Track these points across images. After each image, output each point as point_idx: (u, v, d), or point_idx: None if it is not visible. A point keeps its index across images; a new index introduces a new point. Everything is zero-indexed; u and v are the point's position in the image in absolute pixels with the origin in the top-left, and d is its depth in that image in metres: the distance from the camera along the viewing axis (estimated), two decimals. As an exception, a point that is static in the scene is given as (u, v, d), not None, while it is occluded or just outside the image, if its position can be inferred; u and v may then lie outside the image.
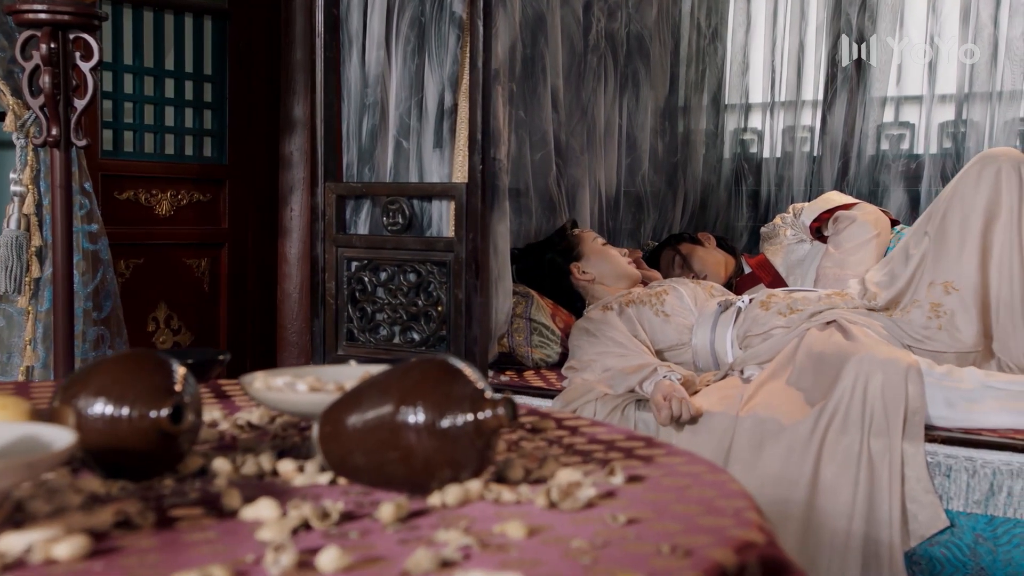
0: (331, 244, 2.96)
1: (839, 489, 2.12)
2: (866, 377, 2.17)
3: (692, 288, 2.85)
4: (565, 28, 3.61)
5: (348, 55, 2.96)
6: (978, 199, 2.41)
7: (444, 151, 2.84)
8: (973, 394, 2.19)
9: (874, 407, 2.14)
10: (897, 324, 2.43)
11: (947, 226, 2.45)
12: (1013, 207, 2.38)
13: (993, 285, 2.39)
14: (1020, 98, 3.67)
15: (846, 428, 2.15)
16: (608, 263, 3.09)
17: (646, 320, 2.75)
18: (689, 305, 2.76)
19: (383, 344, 2.91)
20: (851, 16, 3.93)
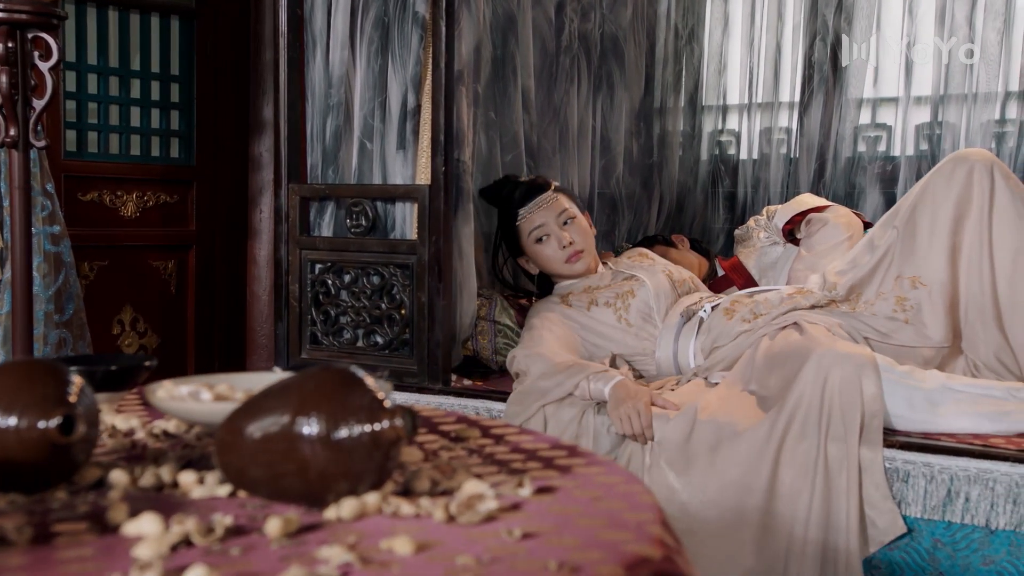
0: (295, 246, 2.93)
1: (797, 495, 2.09)
2: (825, 373, 2.14)
3: (661, 280, 2.77)
4: (537, 29, 3.58)
5: (312, 55, 2.94)
6: (949, 196, 2.39)
7: (407, 152, 2.81)
8: (934, 395, 2.17)
9: (832, 409, 2.12)
10: (860, 319, 2.40)
11: (917, 221, 2.42)
12: (983, 206, 2.36)
13: (962, 283, 2.37)
14: (995, 100, 3.65)
15: (804, 433, 2.13)
16: (542, 264, 2.87)
17: (604, 326, 2.69)
18: (652, 306, 2.70)
19: (347, 347, 2.88)
20: (827, 17, 3.91)
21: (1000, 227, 2.33)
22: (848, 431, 2.09)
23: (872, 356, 2.18)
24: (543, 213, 2.80)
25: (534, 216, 2.81)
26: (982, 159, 2.41)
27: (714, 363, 2.49)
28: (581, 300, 2.75)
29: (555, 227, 2.79)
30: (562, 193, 2.87)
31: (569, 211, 2.82)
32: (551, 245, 2.79)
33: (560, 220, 2.80)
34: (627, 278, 2.80)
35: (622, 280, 2.79)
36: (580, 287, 2.80)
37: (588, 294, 2.77)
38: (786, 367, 2.23)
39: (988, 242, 2.35)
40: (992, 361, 2.32)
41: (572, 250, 2.77)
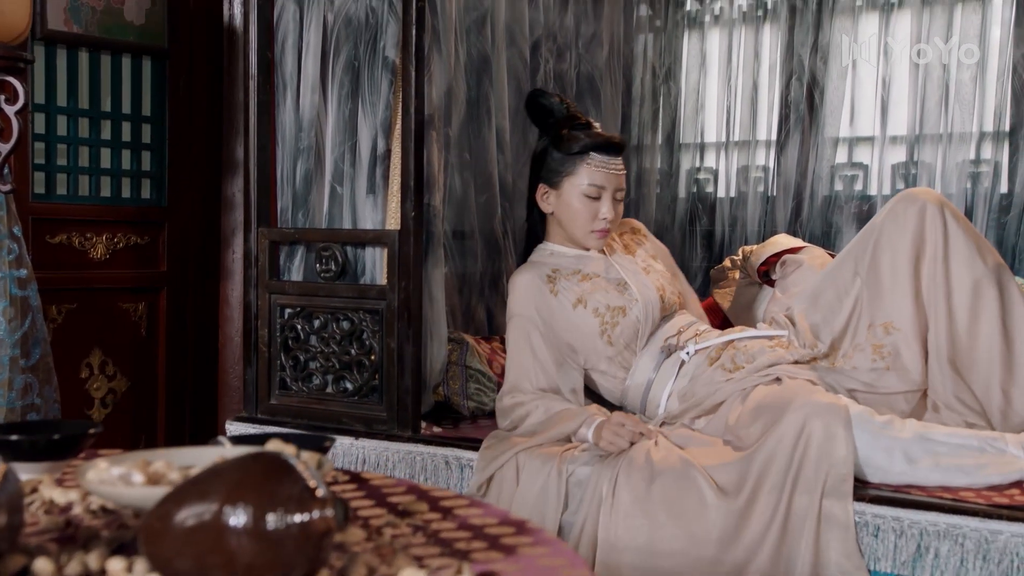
0: (264, 290, 2.90)
1: (757, 546, 2.07)
2: (802, 423, 2.12)
3: (652, 299, 2.60)
4: (512, 69, 3.58)
5: (283, 98, 2.92)
6: (905, 237, 2.38)
7: (377, 197, 2.79)
8: (912, 448, 2.15)
9: (804, 459, 2.09)
10: (842, 373, 2.38)
11: (878, 266, 2.41)
12: (938, 245, 2.35)
13: (930, 324, 2.36)
14: (970, 140, 3.66)
15: (775, 483, 2.10)
16: (568, 216, 2.64)
17: (585, 335, 2.56)
18: (638, 330, 2.57)
19: (316, 393, 2.84)
20: (803, 57, 3.92)
21: (957, 267, 2.33)
22: (818, 484, 2.07)
23: (847, 408, 2.16)
24: (611, 177, 2.60)
25: (602, 173, 2.59)
26: (932, 199, 2.40)
27: (687, 408, 2.46)
28: (570, 289, 2.59)
29: (610, 196, 2.60)
30: (625, 167, 2.70)
31: (623, 188, 2.66)
32: (593, 208, 2.59)
33: (617, 194, 2.63)
34: (620, 283, 2.62)
35: (615, 283, 2.62)
36: (571, 266, 2.64)
37: (578, 284, 2.60)
38: (764, 418, 2.21)
39: (945, 282, 2.34)
40: (952, 401, 2.30)
41: (605, 226, 2.60)
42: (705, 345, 2.52)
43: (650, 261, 2.75)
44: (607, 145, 2.60)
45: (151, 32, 3.36)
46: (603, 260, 2.68)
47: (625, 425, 2.29)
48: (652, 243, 2.87)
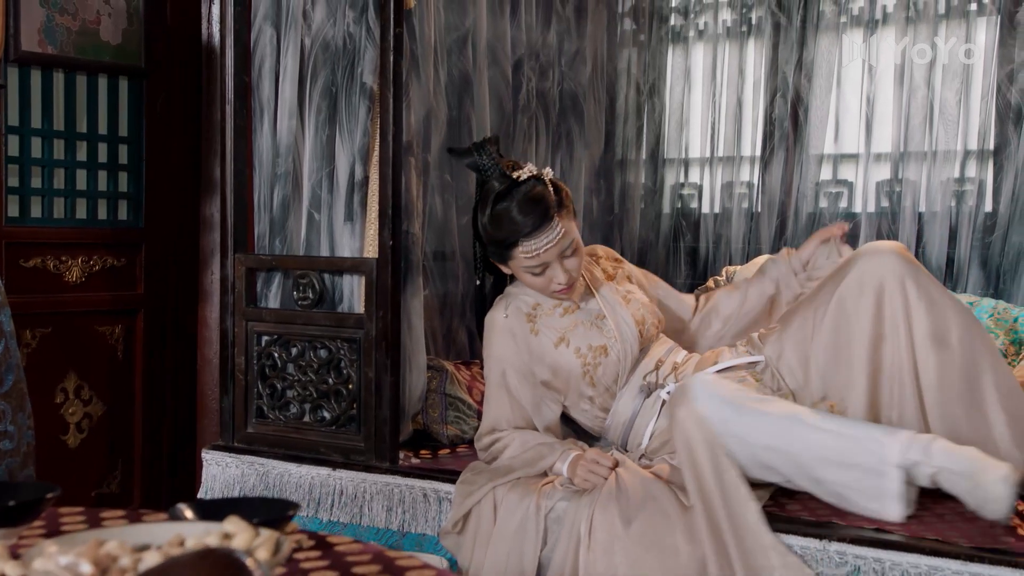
0: (241, 317, 2.86)
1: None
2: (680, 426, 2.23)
3: (631, 335, 2.49)
4: (494, 89, 3.55)
5: (260, 123, 2.88)
6: (862, 322, 2.27)
7: (355, 224, 2.75)
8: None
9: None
10: None
11: (837, 342, 2.31)
12: (899, 326, 2.25)
13: (884, 407, 2.28)
14: (955, 159, 3.64)
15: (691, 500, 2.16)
16: (526, 284, 2.52)
17: (569, 374, 2.47)
18: (619, 370, 2.49)
19: (293, 422, 2.81)
20: (787, 74, 3.90)
21: (923, 351, 2.24)
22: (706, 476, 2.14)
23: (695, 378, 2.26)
24: (548, 252, 2.38)
25: (538, 255, 2.38)
26: (893, 274, 2.26)
27: (667, 442, 2.43)
28: (551, 326, 2.48)
29: (557, 263, 2.40)
30: (563, 214, 2.40)
31: (573, 240, 2.41)
32: (544, 279, 2.43)
33: (564, 254, 2.41)
34: (599, 315, 2.51)
35: (594, 315, 2.51)
36: (550, 301, 2.53)
37: (560, 319, 2.50)
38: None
39: (912, 367, 2.25)
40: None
41: (563, 287, 2.43)
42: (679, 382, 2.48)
43: (630, 287, 2.64)
44: (529, 225, 2.35)
45: (128, 52, 3.31)
46: (583, 289, 2.57)
47: (600, 462, 2.27)
48: (627, 266, 2.75)
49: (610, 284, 2.61)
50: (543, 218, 2.36)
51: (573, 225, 2.44)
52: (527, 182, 2.40)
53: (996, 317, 3.05)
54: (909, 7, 3.69)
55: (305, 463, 2.73)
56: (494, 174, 2.42)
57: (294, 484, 2.74)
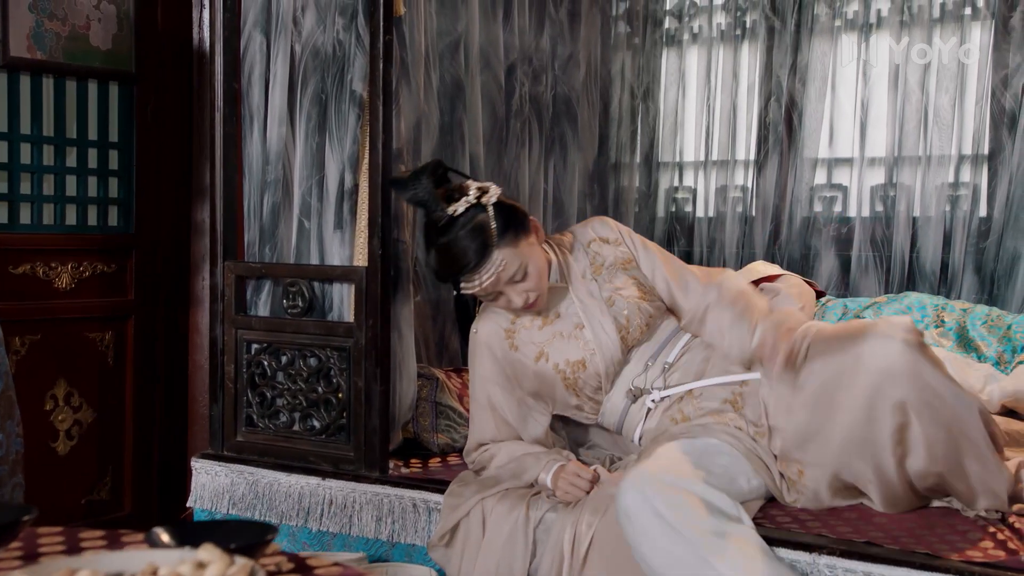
0: (230, 325, 2.85)
1: None
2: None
3: (612, 345, 2.40)
4: (486, 93, 3.53)
5: (249, 130, 2.86)
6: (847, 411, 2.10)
7: (345, 233, 2.74)
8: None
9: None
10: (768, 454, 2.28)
11: (817, 413, 2.16)
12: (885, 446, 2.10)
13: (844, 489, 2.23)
14: (949, 163, 3.63)
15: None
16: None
17: (552, 387, 2.42)
18: (601, 379, 2.43)
19: (283, 431, 2.80)
20: (781, 78, 3.88)
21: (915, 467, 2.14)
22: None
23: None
24: (492, 284, 2.33)
25: (482, 286, 2.34)
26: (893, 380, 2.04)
27: (654, 439, 2.41)
28: (529, 341, 2.43)
29: (508, 288, 2.35)
30: (506, 242, 2.31)
31: (521, 265, 2.32)
32: (501, 302, 2.39)
33: (513, 279, 2.34)
34: (578, 325, 2.42)
35: (573, 325, 2.42)
36: (527, 314, 2.45)
37: (538, 331, 2.43)
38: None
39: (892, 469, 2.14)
40: None
41: (525, 305, 2.37)
42: (667, 395, 2.42)
43: (620, 282, 2.47)
44: (464, 266, 2.30)
45: (118, 57, 3.30)
46: (563, 293, 2.47)
47: (580, 475, 2.24)
48: (626, 246, 2.53)
49: (592, 284, 2.48)
50: (480, 255, 2.29)
51: (523, 248, 2.33)
52: (465, 214, 2.31)
53: (990, 324, 3.04)
54: (903, 11, 3.68)
55: (295, 472, 2.72)
56: (433, 208, 2.34)
57: (283, 493, 2.72)
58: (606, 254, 2.51)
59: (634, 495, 2.04)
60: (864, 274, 3.75)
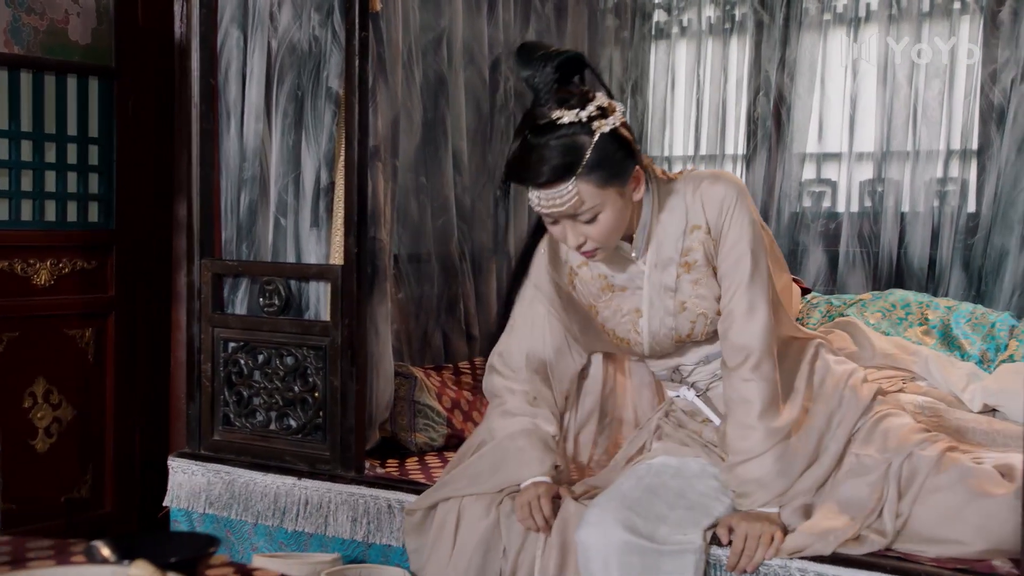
0: (207, 324, 2.83)
1: None
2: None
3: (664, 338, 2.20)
4: (470, 89, 3.51)
5: (227, 126, 2.84)
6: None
7: (321, 231, 2.72)
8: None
9: None
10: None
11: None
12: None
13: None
14: (937, 159, 3.60)
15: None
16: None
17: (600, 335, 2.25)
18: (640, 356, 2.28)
19: (259, 430, 2.78)
20: (770, 73, 3.85)
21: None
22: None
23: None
24: (553, 208, 2.01)
25: (542, 208, 2.04)
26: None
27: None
28: (587, 292, 2.24)
29: (568, 223, 2.04)
30: (591, 178, 1.98)
31: (595, 209, 2.01)
32: (556, 229, 2.09)
33: (578, 218, 2.03)
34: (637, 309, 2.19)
35: (633, 307, 2.20)
36: (589, 271, 2.25)
37: (600, 292, 2.23)
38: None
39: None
40: None
41: (581, 250, 2.09)
42: (691, 407, 2.30)
43: (702, 290, 2.15)
44: (538, 182, 2.00)
45: (97, 52, 3.27)
46: (634, 267, 2.19)
47: (542, 509, 2.13)
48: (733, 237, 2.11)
49: (671, 277, 2.16)
50: (556, 175, 1.97)
51: (608, 193, 2.01)
52: (567, 127, 1.97)
53: (974, 322, 3.02)
54: (892, 5, 3.65)
55: (271, 472, 2.70)
56: (542, 101, 2.02)
57: (259, 493, 2.71)
58: (701, 250, 2.15)
59: (594, 530, 2.03)
60: (852, 270, 3.73)
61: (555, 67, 2.01)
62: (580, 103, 2.00)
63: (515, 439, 2.27)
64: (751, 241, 2.10)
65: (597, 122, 1.99)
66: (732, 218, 2.10)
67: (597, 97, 2.03)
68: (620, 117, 2.04)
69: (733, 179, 2.14)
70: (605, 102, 2.04)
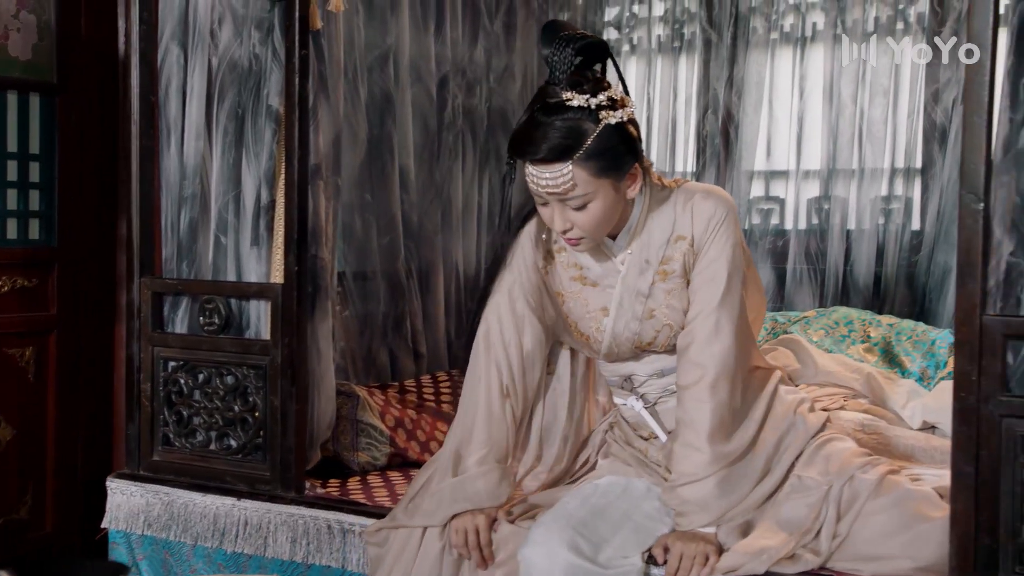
0: (147, 342, 2.79)
1: None
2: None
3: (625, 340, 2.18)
4: (417, 107, 3.50)
5: (167, 144, 2.81)
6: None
7: (262, 249, 2.70)
8: None
9: None
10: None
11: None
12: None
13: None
14: (882, 177, 3.64)
15: None
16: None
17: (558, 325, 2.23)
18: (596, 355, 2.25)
19: (199, 450, 2.75)
20: (718, 91, 3.88)
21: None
22: None
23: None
24: (544, 186, 1.99)
25: (532, 183, 2.02)
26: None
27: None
28: (559, 279, 2.23)
29: (557, 205, 2.02)
30: (589, 165, 1.96)
31: (585, 196, 1.99)
32: (545, 211, 2.07)
33: (568, 203, 2.01)
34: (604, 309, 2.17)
35: (600, 306, 2.18)
36: (564, 260, 2.23)
37: (569, 282, 2.22)
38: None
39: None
40: None
41: (566, 236, 2.07)
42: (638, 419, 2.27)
43: (673, 300, 2.14)
44: (535, 158, 1.98)
45: (38, 68, 3.24)
46: (611, 265, 2.17)
47: (477, 541, 2.12)
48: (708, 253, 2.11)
49: (645, 283, 2.15)
50: (554, 155, 1.95)
51: (602, 185, 1.99)
52: (574, 111, 1.96)
53: (915, 340, 3.05)
54: (837, 25, 3.70)
55: (210, 492, 2.67)
56: (556, 80, 2.01)
57: (199, 514, 2.67)
58: (681, 261, 2.14)
59: (539, 549, 2.02)
60: (799, 287, 3.76)
61: (576, 50, 1.99)
62: (592, 90, 1.98)
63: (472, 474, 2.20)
64: (729, 262, 2.09)
65: (605, 112, 1.97)
66: (716, 236, 2.10)
67: (610, 88, 2.02)
68: (629, 113, 2.03)
69: (725, 197, 2.14)
70: (618, 95, 2.02)
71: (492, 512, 2.16)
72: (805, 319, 3.22)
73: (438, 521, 2.17)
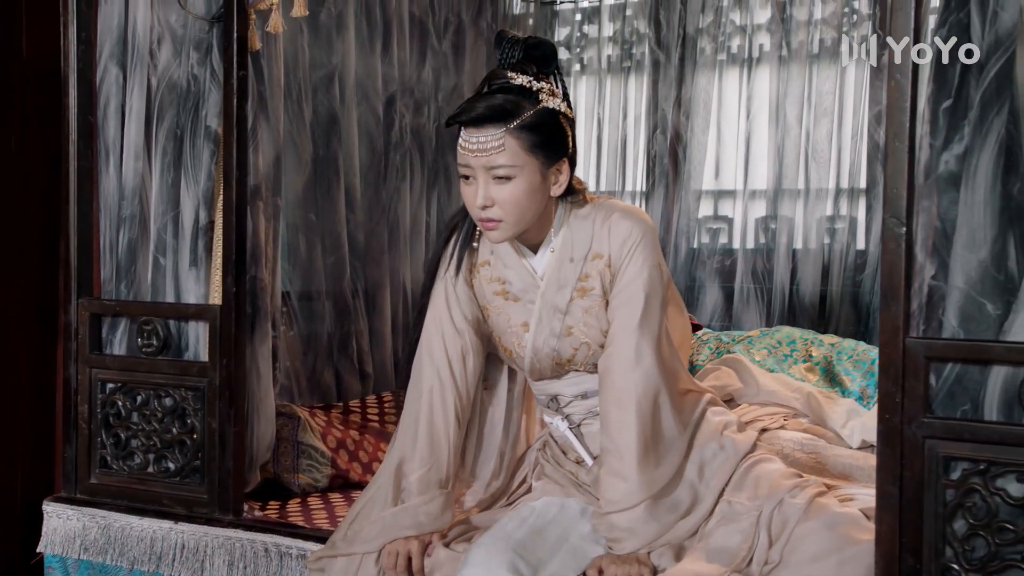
0: (84, 364, 2.77)
1: None
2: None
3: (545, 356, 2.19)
4: (363, 126, 3.50)
5: (106, 164, 2.79)
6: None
7: (200, 270, 2.68)
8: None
9: None
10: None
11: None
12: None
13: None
14: (827, 197, 3.68)
15: None
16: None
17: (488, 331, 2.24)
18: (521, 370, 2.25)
19: (137, 473, 2.72)
20: (667, 112, 3.92)
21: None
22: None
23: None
24: (475, 156, 1.99)
25: (463, 152, 2.02)
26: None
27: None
28: (484, 292, 2.22)
29: (482, 179, 2.00)
30: (522, 143, 1.97)
31: (511, 168, 1.97)
32: (470, 193, 2.04)
33: (493, 173, 1.99)
34: (524, 324, 2.17)
35: (521, 320, 2.18)
36: (498, 268, 2.20)
37: (493, 295, 2.21)
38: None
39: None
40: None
41: (485, 215, 2.03)
42: (565, 441, 2.27)
43: (590, 319, 2.13)
44: (470, 117, 1.98)
45: (-22, 86, 3.21)
46: (531, 280, 2.17)
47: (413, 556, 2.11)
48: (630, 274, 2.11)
49: (563, 299, 2.14)
50: (490, 117, 1.96)
51: (531, 166, 1.99)
52: (516, 89, 2.01)
53: (855, 359, 3.07)
54: (783, 47, 3.74)
55: (148, 516, 2.64)
56: (502, 65, 2.08)
57: (136, 538, 2.65)
58: (599, 279, 2.14)
59: (478, 571, 2.01)
60: (746, 306, 3.79)
61: (525, 50, 2.07)
62: (536, 80, 2.04)
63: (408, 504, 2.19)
64: (647, 284, 2.09)
65: (545, 96, 2.02)
66: (633, 256, 2.09)
67: (553, 91, 2.07)
68: (567, 109, 2.07)
69: (644, 219, 2.14)
70: (558, 92, 2.08)
71: (426, 537, 2.15)
72: (749, 339, 3.24)
73: (376, 548, 2.15)
